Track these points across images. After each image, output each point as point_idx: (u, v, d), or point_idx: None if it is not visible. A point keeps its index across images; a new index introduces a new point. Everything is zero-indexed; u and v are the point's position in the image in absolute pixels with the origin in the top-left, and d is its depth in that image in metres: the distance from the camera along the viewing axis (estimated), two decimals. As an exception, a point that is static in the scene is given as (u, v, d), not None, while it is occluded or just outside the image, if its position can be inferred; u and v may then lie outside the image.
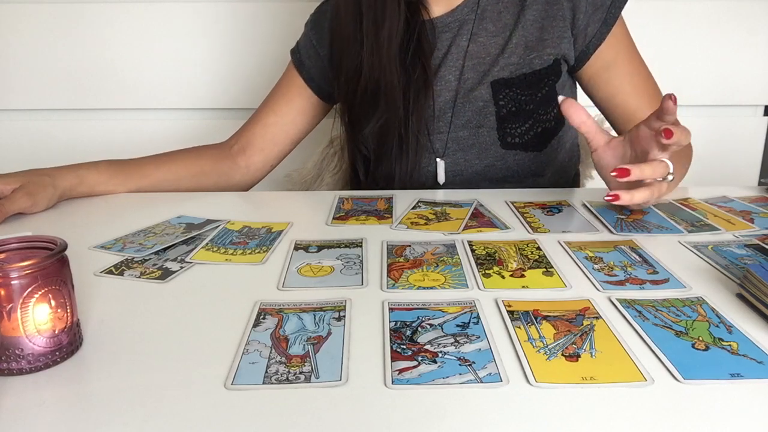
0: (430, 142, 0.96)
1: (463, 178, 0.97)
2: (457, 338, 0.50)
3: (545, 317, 0.53)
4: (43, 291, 0.46)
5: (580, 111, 0.76)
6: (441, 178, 0.96)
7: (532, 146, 0.95)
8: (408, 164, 0.94)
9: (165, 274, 0.63)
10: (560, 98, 0.76)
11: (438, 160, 0.96)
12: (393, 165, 0.94)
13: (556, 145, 0.97)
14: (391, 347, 0.49)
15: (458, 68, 0.95)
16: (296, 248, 0.69)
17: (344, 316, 0.54)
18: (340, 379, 0.45)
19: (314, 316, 0.54)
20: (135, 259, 0.67)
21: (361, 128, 0.95)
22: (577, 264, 0.65)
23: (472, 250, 0.68)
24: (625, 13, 0.97)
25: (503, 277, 0.62)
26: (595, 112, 1.01)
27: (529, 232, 0.74)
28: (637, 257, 0.66)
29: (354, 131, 0.97)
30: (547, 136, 0.95)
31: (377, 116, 0.93)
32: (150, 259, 0.67)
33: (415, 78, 0.92)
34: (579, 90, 1.03)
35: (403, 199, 0.86)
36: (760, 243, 0.69)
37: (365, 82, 0.92)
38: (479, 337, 0.50)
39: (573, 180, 1.09)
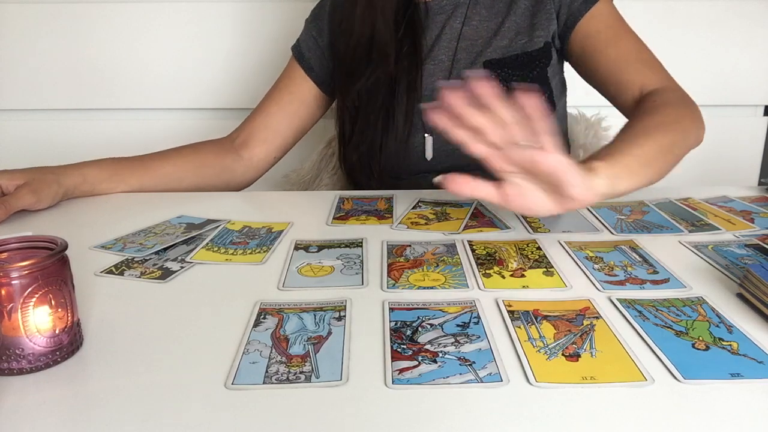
0: (422, 121, 0.97)
1: (454, 157, 0.97)
2: (458, 338, 0.50)
3: (545, 317, 0.53)
4: (43, 291, 0.46)
5: (463, 183, 0.62)
6: (429, 154, 0.98)
7: None
8: (397, 142, 0.95)
9: (165, 274, 0.63)
10: (437, 179, 0.63)
11: (426, 136, 0.97)
12: (381, 142, 0.96)
13: None
14: (392, 347, 0.49)
15: (451, 49, 0.97)
16: (296, 248, 0.69)
17: (344, 316, 0.54)
18: (341, 379, 0.45)
19: (314, 315, 0.54)
20: (135, 259, 0.67)
21: (353, 84, 0.96)
22: (577, 264, 0.65)
23: (473, 250, 0.68)
24: (625, 13, 0.97)
25: (503, 276, 0.62)
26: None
27: (529, 231, 0.74)
28: (637, 257, 0.66)
29: (345, 87, 0.98)
30: None
31: (368, 73, 0.95)
32: (150, 259, 0.67)
33: (405, 52, 0.95)
34: (573, 78, 1.02)
35: (404, 199, 0.86)
36: (761, 243, 0.69)
37: (357, 38, 0.95)
38: (479, 336, 0.50)
39: None
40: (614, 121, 1.14)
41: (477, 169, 0.98)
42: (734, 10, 1.40)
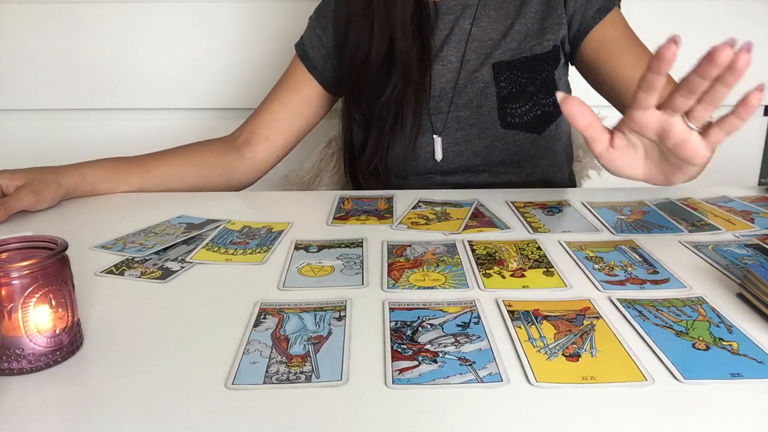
0: (431, 122, 0.97)
1: (462, 158, 0.98)
2: (458, 338, 0.50)
3: (546, 317, 0.53)
4: (43, 291, 0.46)
5: (585, 111, 0.62)
6: (438, 155, 0.98)
7: (532, 128, 0.96)
8: (404, 142, 0.95)
9: (165, 274, 0.63)
10: (559, 96, 0.62)
11: (435, 137, 0.97)
12: (388, 142, 0.95)
13: (554, 131, 0.98)
14: (392, 347, 0.49)
15: (460, 50, 0.97)
16: (297, 248, 0.69)
17: (345, 316, 0.54)
18: (341, 379, 0.45)
19: (315, 315, 0.54)
20: (135, 259, 0.67)
21: (374, 97, 0.95)
22: (577, 264, 0.65)
23: (473, 250, 0.68)
24: (626, 14, 0.97)
25: (504, 276, 0.62)
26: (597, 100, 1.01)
27: (529, 232, 0.74)
28: (637, 257, 0.66)
29: (359, 99, 0.97)
30: (546, 119, 0.97)
31: (392, 84, 0.93)
32: (150, 259, 0.67)
33: (414, 53, 0.94)
34: (577, 80, 1.02)
35: (404, 199, 0.86)
36: (761, 243, 0.69)
37: (376, 50, 0.93)
38: (480, 336, 0.50)
39: (569, 179, 1.10)
40: (614, 121, 1.14)
41: (485, 170, 0.99)
42: (734, 10, 1.40)
